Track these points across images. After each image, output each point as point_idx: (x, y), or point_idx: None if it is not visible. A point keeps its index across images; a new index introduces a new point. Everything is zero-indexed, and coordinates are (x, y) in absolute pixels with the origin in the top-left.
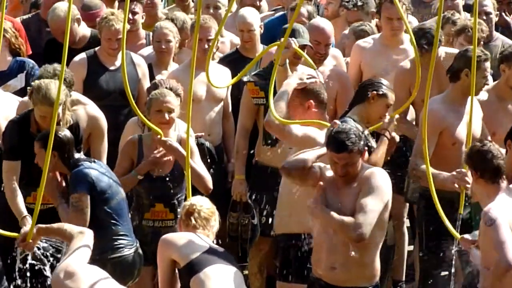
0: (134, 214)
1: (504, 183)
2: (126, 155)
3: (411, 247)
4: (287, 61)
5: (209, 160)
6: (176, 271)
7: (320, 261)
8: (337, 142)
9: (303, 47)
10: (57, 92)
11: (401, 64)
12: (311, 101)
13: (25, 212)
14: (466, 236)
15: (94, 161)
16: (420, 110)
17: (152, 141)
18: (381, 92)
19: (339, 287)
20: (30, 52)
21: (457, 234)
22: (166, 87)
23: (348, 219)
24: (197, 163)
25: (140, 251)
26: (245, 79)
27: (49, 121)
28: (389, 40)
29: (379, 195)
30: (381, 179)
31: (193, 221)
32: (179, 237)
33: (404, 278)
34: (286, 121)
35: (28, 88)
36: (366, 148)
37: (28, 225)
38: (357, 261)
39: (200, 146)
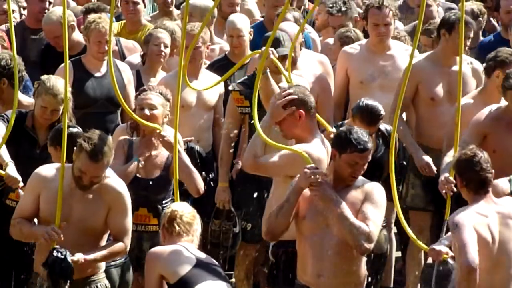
0: None
1: (487, 194)
2: (120, 151)
3: (399, 253)
4: (268, 70)
5: (199, 164)
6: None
7: (305, 268)
8: (360, 142)
9: (283, 57)
10: (64, 92)
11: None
12: (301, 110)
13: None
14: (433, 246)
15: None
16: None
17: (140, 146)
18: None
19: None
20: None
21: (425, 247)
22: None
23: (364, 227)
24: (187, 164)
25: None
26: (230, 87)
27: (49, 113)
28: (376, 46)
29: (382, 210)
30: (383, 194)
31: (177, 227)
32: (167, 252)
33: (392, 285)
34: (270, 142)
35: (36, 82)
36: None
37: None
38: (344, 269)
39: (190, 150)
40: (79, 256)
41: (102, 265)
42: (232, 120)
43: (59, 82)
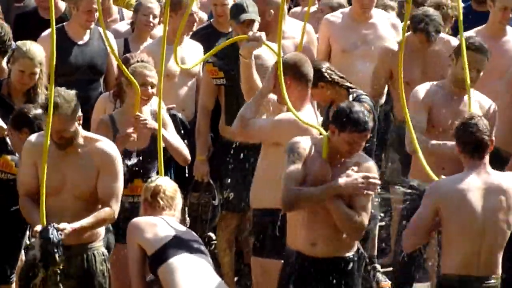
0: None
1: (482, 162)
2: (105, 129)
3: (383, 223)
4: (253, 55)
5: (182, 132)
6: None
7: (298, 236)
8: (360, 122)
9: (250, 21)
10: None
11: (386, 44)
12: (289, 77)
13: None
14: None
15: None
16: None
17: (125, 117)
18: None
19: (319, 258)
20: None
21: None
22: (137, 61)
23: (358, 218)
24: (172, 135)
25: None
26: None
27: (27, 76)
28: (359, 15)
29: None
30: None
31: (160, 201)
32: (146, 223)
33: (375, 253)
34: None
35: (10, 49)
36: None
37: None
38: (337, 237)
39: (172, 117)
40: (65, 226)
41: (101, 232)
42: (207, 92)
43: (34, 45)
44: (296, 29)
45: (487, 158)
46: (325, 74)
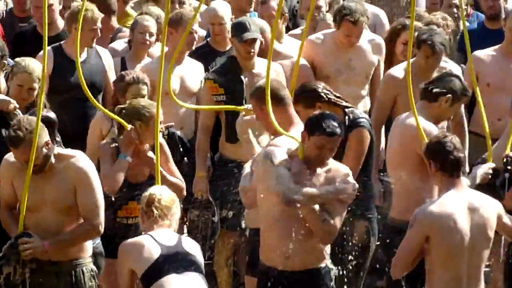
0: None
1: (460, 179)
2: (109, 157)
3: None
4: (250, 131)
5: (181, 149)
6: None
7: (271, 249)
8: (330, 127)
9: (253, 40)
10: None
11: (391, 72)
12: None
13: None
14: None
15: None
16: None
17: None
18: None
19: (294, 271)
20: None
21: None
22: (132, 77)
23: (331, 222)
24: (171, 167)
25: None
26: (203, 76)
27: (25, 92)
28: (343, 43)
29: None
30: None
31: (155, 211)
32: (134, 245)
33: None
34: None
35: (8, 65)
36: None
37: None
38: (311, 248)
39: (171, 135)
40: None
41: (88, 249)
42: (207, 110)
43: (33, 61)
44: (294, 48)
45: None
46: (322, 94)
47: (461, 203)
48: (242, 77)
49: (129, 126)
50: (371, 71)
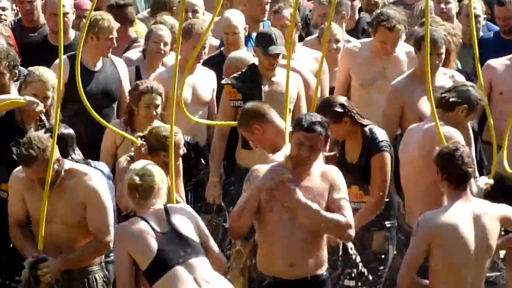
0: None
1: (466, 191)
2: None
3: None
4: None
5: (193, 156)
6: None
7: (274, 260)
8: (308, 122)
9: (276, 55)
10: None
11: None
12: (256, 125)
13: None
14: None
15: (92, 164)
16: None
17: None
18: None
19: (298, 280)
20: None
21: None
22: (146, 87)
23: (342, 218)
24: (178, 183)
25: None
26: (223, 81)
27: (40, 100)
28: (379, 51)
29: (346, 192)
30: (342, 177)
31: (136, 195)
32: (134, 231)
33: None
34: None
35: (22, 76)
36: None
37: None
38: (313, 255)
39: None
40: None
41: (99, 258)
42: (225, 114)
43: (47, 70)
44: (307, 56)
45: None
46: (350, 109)
47: (466, 214)
48: (262, 85)
49: (138, 141)
50: None
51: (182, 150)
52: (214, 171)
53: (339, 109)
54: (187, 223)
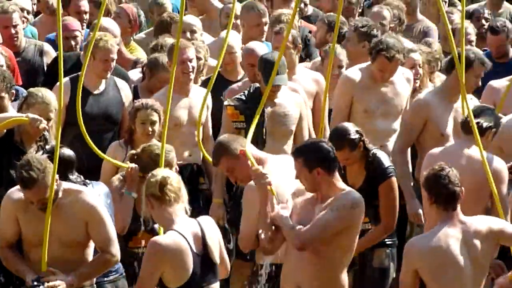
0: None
1: (455, 212)
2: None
3: None
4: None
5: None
6: None
7: (286, 277)
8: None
9: (277, 86)
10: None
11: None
12: (223, 158)
13: None
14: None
15: (90, 184)
16: None
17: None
18: None
19: None
20: (20, 83)
21: None
22: (142, 103)
23: (297, 228)
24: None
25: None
26: (225, 103)
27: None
28: (378, 77)
29: (340, 213)
30: (349, 200)
31: (169, 194)
32: (174, 249)
33: None
34: None
35: (22, 96)
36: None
37: None
38: (321, 278)
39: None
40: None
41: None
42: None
43: (49, 92)
44: (306, 78)
45: (459, 207)
46: (363, 136)
47: (455, 236)
48: (264, 106)
49: (128, 164)
50: (405, 103)
51: (175, 169)
52: (218, 193)
53: (356, 136)
54: (215, 244)
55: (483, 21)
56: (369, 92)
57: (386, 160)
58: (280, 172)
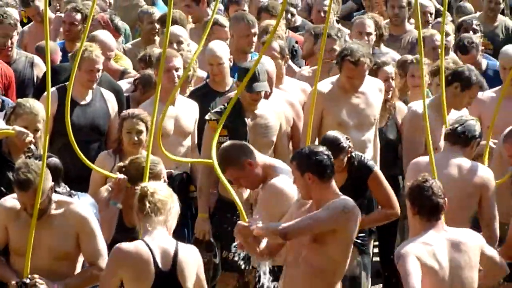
0: None
1: (439, 222)
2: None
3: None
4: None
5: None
6: None
7: None
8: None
9: (260, 92)
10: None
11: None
12: (229, 169)
13: None
14: None
15: (76, 196)
16: None
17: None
18: None
19: None
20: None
21: None
22: (128, 113)
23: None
24: None
25: None
26: (206, 117)
27: (32, 132)
28: (348, 86)
29: (329, 212)
30: (342, 204)
31: (147, 205)
32: (133, 256)
33: None
34: None
35: (9, 106)
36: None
37: None
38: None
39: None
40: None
41: None
42: (209, 151)
43: (37, 103)
44: (295, 88)
45: (442, 217)
46: (351, 144)
47: (440, 242)
48: (246, 118)
49: (117, 175)
50: (377, 113)
51: (164, 180)
52: (203, 207)
53: (347, 144)
54: (190, 270)
55: (471, 33)
56: (340, 103)
57: (364, 157)
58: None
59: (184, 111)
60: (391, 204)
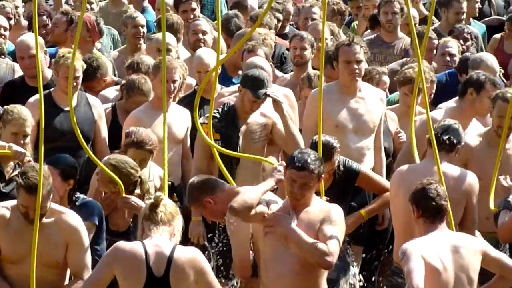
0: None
1: (442, 225)
2: None
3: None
4: None
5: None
6: None
7: None
8: (299, 161)
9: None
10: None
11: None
12: (193, 207)
13: None
14: None
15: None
16: None
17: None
18: None
19: None
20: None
21: None
22: (135, 139)
23: (321, 244)
24: None
25: None
26: (200, 121)
27: (21, 139)
28: (348, 87)
29: (341, 228)
30: (341, 213)
31: (160, 214)
32: (131, 257)
33: None
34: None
35: None
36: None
37: None
38: (309, 284)
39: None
40: None
41: None
42: (202, 154)
43: (24, 109)
44: (278, 94)
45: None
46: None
47: (444, 243)
48: (238, 124)
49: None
50: (378, 121)
51: (154, 186)
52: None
53: (337, 146)
54: (187, 277)
55: (462, 41)
56: (339, 106)
57: (348, 161)
58: None
59: (176, 119)
60: (387, 188)
